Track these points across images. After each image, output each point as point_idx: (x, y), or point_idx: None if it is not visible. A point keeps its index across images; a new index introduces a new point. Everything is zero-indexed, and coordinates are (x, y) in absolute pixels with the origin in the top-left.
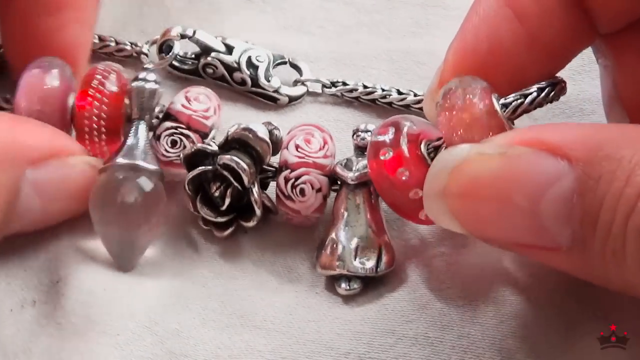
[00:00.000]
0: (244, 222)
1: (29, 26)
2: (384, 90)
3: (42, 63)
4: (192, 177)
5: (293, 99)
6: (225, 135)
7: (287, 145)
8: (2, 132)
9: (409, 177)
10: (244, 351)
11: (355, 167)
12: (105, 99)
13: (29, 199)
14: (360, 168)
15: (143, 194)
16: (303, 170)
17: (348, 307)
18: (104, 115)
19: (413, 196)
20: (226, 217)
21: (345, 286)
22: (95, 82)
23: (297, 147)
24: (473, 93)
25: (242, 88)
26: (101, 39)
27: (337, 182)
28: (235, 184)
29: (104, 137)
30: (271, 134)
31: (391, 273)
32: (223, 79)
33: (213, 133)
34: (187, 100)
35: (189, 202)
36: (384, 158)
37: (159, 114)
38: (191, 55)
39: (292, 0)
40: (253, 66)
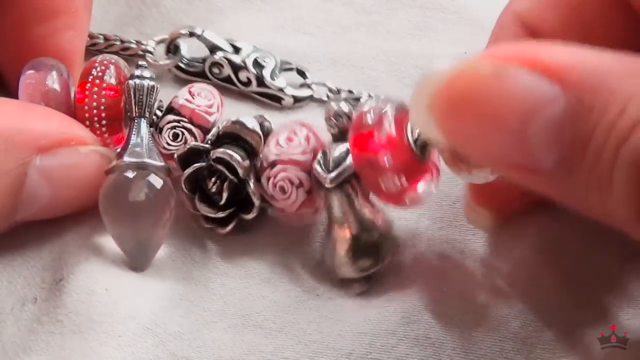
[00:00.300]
0: (244, 215)
1: (22, 33)
2: None
3: (37, 63)
4: (187, 175)
5: (298, 99)
6: (216, 130)
7: (269, 143)
8: (10, 118)
9: (392, 160)
10: (246, 352)
11: (332, 161)
12: (104, 90)
13: (37, 186)
14: (337, 160)
15: (154, 192)
16: (279, 167)
17: (350, 307)
18: (102, 108)
19: (398, 181)
20: (226, 211)
21: (358, 286)
22: (93, 73)
23: (276, 144)
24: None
25: (247, 89)
26: (106, 39)
27: None
28: (231, 176)
29: (104, 128)
30: (262, 125)
31: (392, 274)
32: (229, 79)
33: (214, 130)
34: (191, 95)
35: (187, 201)
36: (368, 142)
37: (157, 111)
38: (198, 59)
39: (290, 1)
40: (259, 66)
